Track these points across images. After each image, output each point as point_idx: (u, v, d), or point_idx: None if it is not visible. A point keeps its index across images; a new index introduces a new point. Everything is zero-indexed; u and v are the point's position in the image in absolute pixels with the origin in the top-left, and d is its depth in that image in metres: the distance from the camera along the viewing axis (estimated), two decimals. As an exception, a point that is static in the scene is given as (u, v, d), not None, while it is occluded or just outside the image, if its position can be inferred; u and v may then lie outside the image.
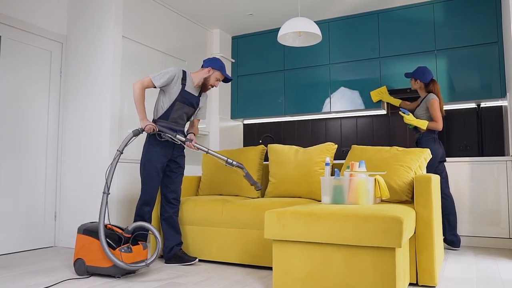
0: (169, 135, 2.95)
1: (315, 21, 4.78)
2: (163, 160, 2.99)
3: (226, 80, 3.19)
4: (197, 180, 3.78)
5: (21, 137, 3.63)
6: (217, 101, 5.14)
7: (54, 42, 3.93)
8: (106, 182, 2.69)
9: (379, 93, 4.39)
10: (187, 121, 3.18)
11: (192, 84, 3.09)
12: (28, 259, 3.27)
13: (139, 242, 2.71)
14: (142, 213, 2.99)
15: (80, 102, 3.89)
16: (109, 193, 2.70)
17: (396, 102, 4.22)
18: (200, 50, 5.00)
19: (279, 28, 3.55)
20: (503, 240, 3.70)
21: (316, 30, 3.45)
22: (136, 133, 2.85)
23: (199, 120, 3.28)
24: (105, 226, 2.73)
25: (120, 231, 2.71)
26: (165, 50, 4.43)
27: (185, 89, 3.03)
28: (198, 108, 3.18)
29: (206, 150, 3.01)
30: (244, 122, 5.60)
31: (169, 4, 4.47)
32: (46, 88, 3.86)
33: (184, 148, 3.14)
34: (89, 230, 2.68)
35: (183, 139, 2.99)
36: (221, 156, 3.01)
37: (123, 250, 2.57)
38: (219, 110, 5.15)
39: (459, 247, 3.59)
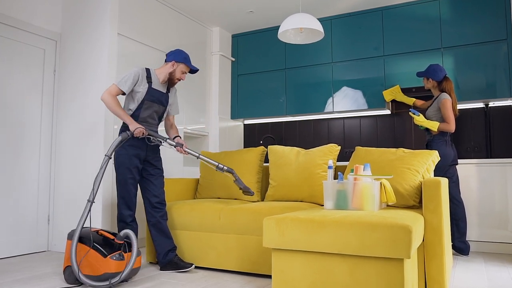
0: (159, 139, 2.86)
1: (317, 19, 4.64)
2: (135, 162, 2.87)
3: (192, 71, 3.07)
4: (194, 182, 3.65)
5: (13, 138, 3.50)
6: (216, 101, 5.01)
7: (48, 40, 3.81)
8: (93, 190, 2.54)
9: (392, 93, 4.21)
10: (159, 120, 3.06)
11: (158, 81, 2.98)
12: (19, 265, 3.14)
13: (132, 249, 2.58)
14: (123, 218, 2.87)
15: (74, 102, 3.76)
16: (93, 202, 2.55)
17: (410, 101, 4.03)
18: (199, 49, 4.86)
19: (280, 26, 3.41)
20: (513, 246, 3.56)
21: (318, 26, 3.32)
22: (125, 136, 2.75)
23: (173, 116, 3.18)
24: (97, 231, 2.62)
25: (112, 237, 2.58)
26: (162, 48, 4.29)
27: (152, 87, 2.92)
28: (168, 105, 3.07)
29: (197, 155, 2.94)
30: (245, 122, 5.47)
31: (167, 1, 4.33)
32: (40, 88, 3.73)
33: (159, 150, 3.03)
34: (79, 237, 2.55)
35: (174, 143, 2.91)
36: (212, 161, 2.93)
37: (114, 258, 2.45)
38: (219, 110, 5.02)
39: (467, 254, 3.43)
